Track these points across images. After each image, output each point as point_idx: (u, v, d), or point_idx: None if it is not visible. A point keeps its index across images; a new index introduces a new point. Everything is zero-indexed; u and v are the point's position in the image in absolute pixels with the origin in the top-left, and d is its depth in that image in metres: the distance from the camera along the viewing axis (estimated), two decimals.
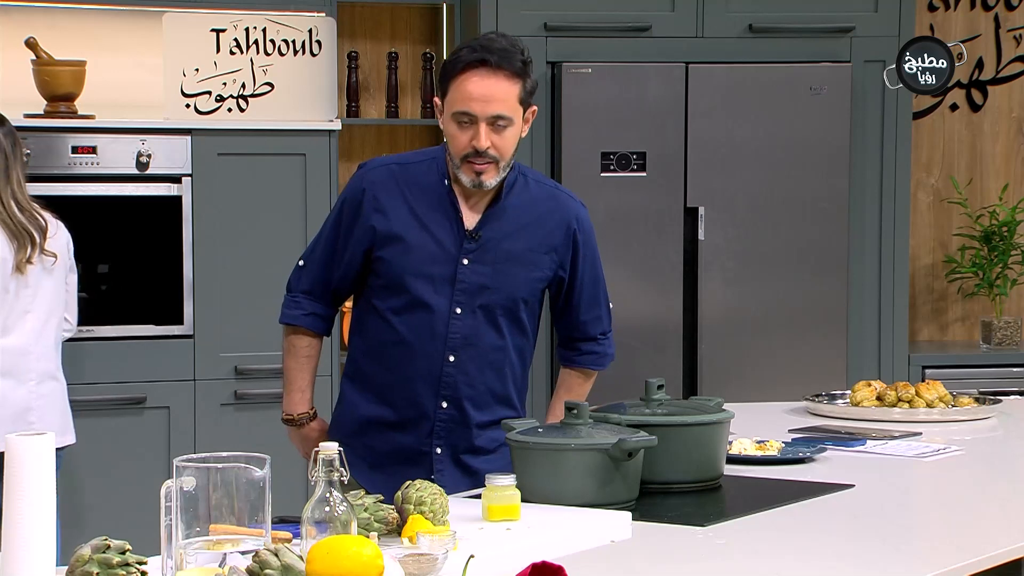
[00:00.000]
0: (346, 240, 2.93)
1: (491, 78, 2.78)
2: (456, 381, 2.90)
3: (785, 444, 3.16)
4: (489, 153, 2.80)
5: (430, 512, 2.34)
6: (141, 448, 4.63)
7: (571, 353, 3.15)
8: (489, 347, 2.92)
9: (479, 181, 2.83)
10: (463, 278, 2.88)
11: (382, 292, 2.91)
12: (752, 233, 4.97)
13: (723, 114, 4.93)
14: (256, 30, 4.79)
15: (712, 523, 2.52)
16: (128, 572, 1.89)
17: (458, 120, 2.80)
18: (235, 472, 2.02)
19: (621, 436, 2.61)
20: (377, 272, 2.91)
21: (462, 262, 2.88)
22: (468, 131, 2.80)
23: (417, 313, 2.88)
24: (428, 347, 2.88)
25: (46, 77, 4.64)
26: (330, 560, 1.87)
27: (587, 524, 2.45)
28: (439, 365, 2.89)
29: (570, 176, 4.90)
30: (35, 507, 1.87)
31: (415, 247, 2.87)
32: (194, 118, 4.76)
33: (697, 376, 4.96)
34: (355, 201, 2.92)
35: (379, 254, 2.89)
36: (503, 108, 2.78)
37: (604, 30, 4.96)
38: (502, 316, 2.92)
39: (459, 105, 2.79)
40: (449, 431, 2.93)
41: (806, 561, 2.32)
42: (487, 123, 2.78)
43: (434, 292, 2.87)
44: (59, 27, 4.76)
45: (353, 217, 2.92)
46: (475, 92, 2.78)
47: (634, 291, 4.93)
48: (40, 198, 4.09)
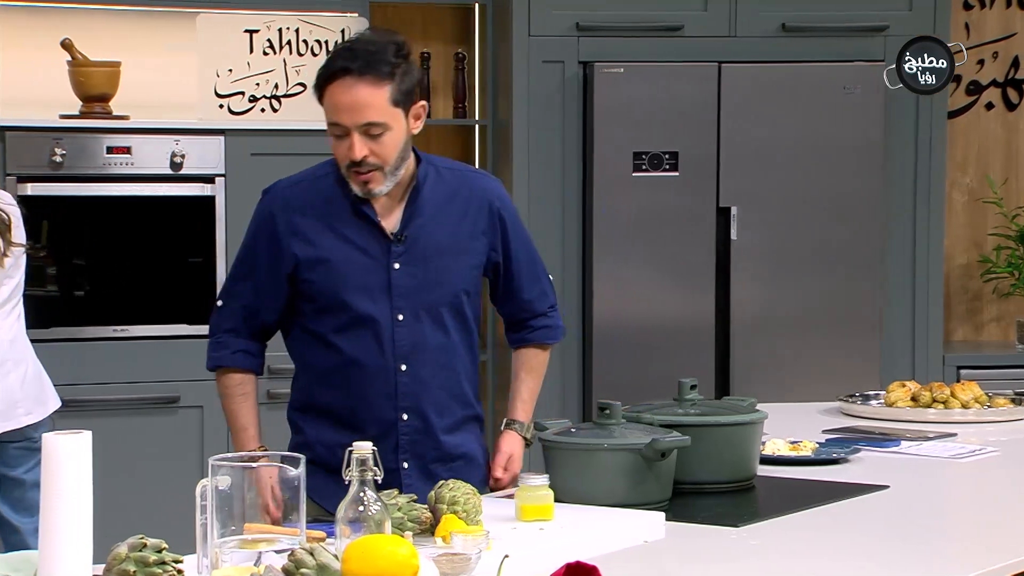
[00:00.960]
0: (268, 270, 2.80)
1: (356, 86, 2.65)
2: (412, 390, 2.78)
3: (819, 445, 3.14)
4: (368, 162, 2.68)
5: (463, 512, 2.34)
6: (175, 447, 4.65)
7: (523, 332, 3.00)
8: (438, 348, 2.80)
9: (367, 190, 2.72)
10: (398, 283, 2.76)
11: (318, 315, 2.79)
12: (785, 233, 4.95)
13: (756, 114, 4.92)
14: (289, 30, 4.81)
15: (746, 524, 2.51)
16: (164, 570, 1.90)
17: (332, 131, 2.70)
18: (270, 471, 2.03)
19: (654, 436, 2.61)
20: (309, 296, 2.78)
21: (393, 267, 2.76)
22: (344, 142, 2.68)
23: (360, 329, 2.76)
24: (378, 361, 2.76)
25: (81, 78, 4.67)
26: (366, 559, 1.87)
27: (620, 524, 2.44)
28: (392, 377, 2.77)
29: (602, 176, 4.90)
30: (73, 505, 1.88)
31: (343, 263, 2.75)
32: (227, 118, 4.78)
33: (729, 376, 4.95)
34: (268, 229, 2.79)
35: (307, 277, 2.77)
36: (373, 115, 2.66)
37: (636, 30, 4.96)
38: (447, 313, 2.81)
39: (329, 116, 2.69)
40: (414, 443, 2.79)
41: (840, 562, 2.31)
42: (360, 133, 2.66)
43: (373, 304, 2.76)
44: (94, 28, 4.79)
45: (270, 245, 2.79)
46: (341, 102, 2.66)
47: (666, 291, 4.92)
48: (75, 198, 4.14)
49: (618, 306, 4.93)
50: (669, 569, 2.30)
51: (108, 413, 4.13)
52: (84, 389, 4.59)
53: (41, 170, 4.56)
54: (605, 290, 4.91)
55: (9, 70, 4.70)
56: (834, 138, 4.96)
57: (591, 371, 4.94)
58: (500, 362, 5.15)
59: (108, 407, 4.28)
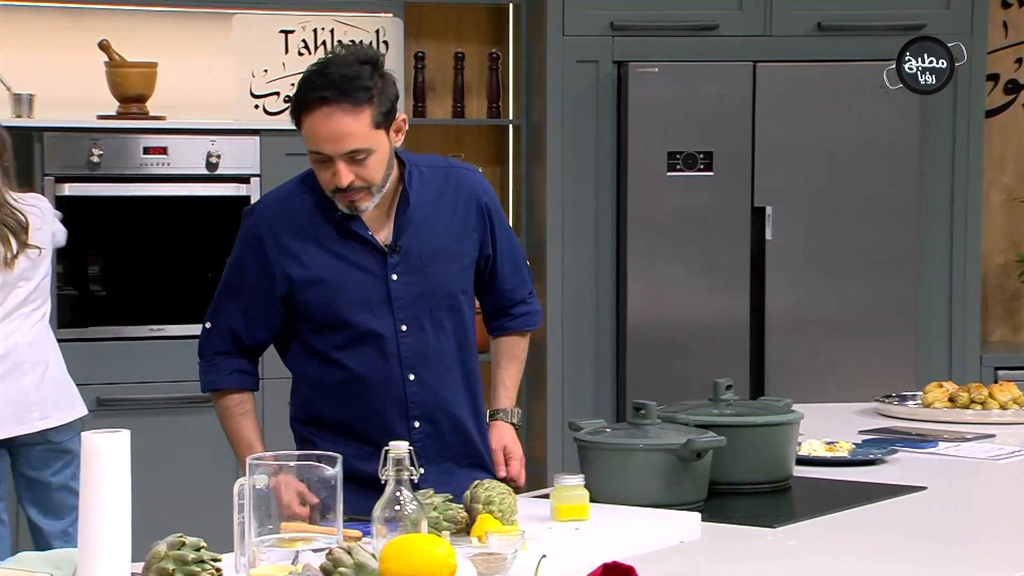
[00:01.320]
0: (260, 293, 2.72)
1: (335, 115, 2.56)
2: (422, 399, 2.73)
3: (855, 445, 3.13)
4: (355, 185, 2.61)
5: (499, 511, 2.34)
6: (210, 446, 4.66)
7: (503, 320, 2.93)
8: (443, 352, 2.76)
9: (355, 207, 2.65)
10: (398, 294, 2.70)
11: (318, 333, 2.72)
12: (820, 233, 4.93)
13: (791, 113, 4.90)
14: (324, 31, 4.83)
15: (782, 524, 2.50)
16: (203, 569, 1.91)
17: (314, 159, 2.63)
18: (307, 470, 2.04)
19: (690, 436, 2.60)
20: (306, 315, 2.72)
21: (391, 279, 2.70)
22: (327, 169, 2.61)
23: (364, 345, 2.70)
24: (386, 375, 2.70)
25: (118, 79, 4.70)
26: (404, 559, 1.87)
27: (656, 524, 2.44)
28: (402, 388, 2.71)
29: (636, 176, 4.90)
30: (111, 503, 1.89)
31: (339, 281, 2.69)
32: (262, 119, 4.80)
33: (764, 377, 4.94)
34: (256, 250, 2.71)
35: (303, 298, 2.70)
36: (355, 143, 2.58)
37: (671, 29, 4.95)
38: (447, 316, 2.76)
39: (310, 145, 2.62)
40: (426, 449, 2.73)
41: (878, 563, 2.30)
42: (343, 160, 2.59)
43: (375, 318, 2.69)
44: (131, 29, 4.82)
45: (260, 269, 2.71)
46: (322, 132, 2.58)
47: (700, 291, 4.91)
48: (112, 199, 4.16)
49: (652, 306, 4.92)
50: (705, 570, 2.29)
51: (145, 412, 4.16)
52: (121, 388, 4.62)
53: (79, 171, 4.59)
54: (639, 290, 4.91)
55: (47, 71, 4.74)
56: (870, 137, 4.93)
57: (625, 371, 4.94)
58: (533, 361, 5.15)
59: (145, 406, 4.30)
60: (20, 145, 4.53)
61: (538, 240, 5.08)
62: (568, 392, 4.98)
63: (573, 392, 4.97)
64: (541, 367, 5.02)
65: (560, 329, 4.97)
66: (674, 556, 2.34)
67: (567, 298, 4.97)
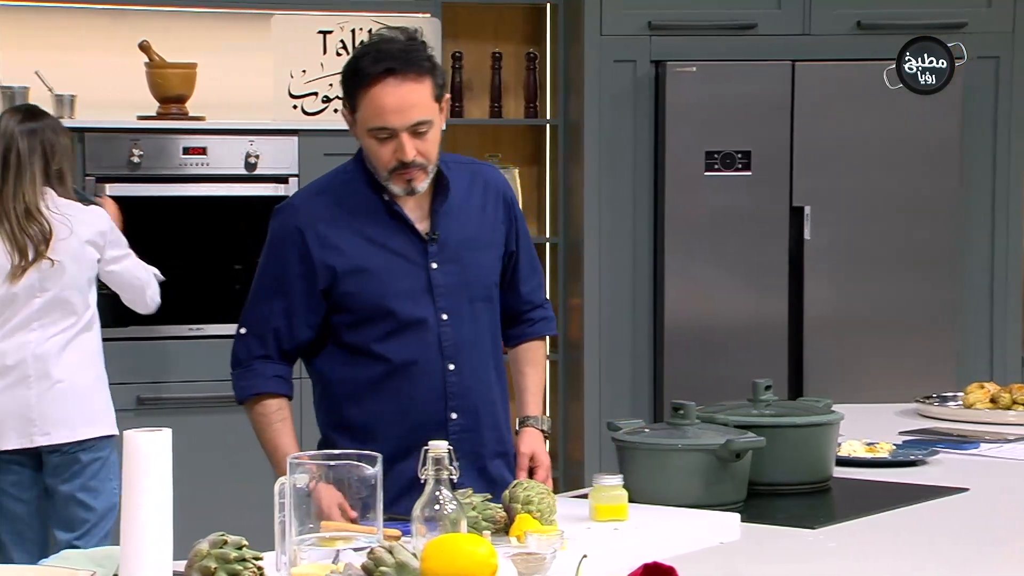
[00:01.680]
0: (303, 288, 2.69)
1: (403, 86, 2.58)
2: (461, 389, 2.72)
3: (896, 446, 3.11)
4: (416, 161, 2.62)
5: (538, 511, 2.34)
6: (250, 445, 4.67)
7: (523, 327, 2.91)
8: (479, 343, 2.76)
9: (411, 188, 2.66)
10: (438, 283, 2.71)
11: (357, 327, 2.70)
12: (860, 233, 4.91)
13: (830, 112, 4.87)
14: (362, 31, 4.84)
15: (822, 525, 2.49)
16: (245, 567, 1.92)
17: (376, 136, 2.62)
18: (347, 470, 2.04)
19: (729, 437, 2.59)
20: (347, 307, 2.69)
21: (431, 267, 2.71)
22: (389, 144, 2.61)
23: (407, 334, 2.69)
24: (428, 364, 2.70)
25: (158, 79, 4.73)
26: (445, 558, 1.88)
27: (695, 525, 2.44)
28: (442, 378, 2.70)
29: (673, 175, 4.88)
30: (153, 501, 1.90)
31: (382, 270, 2.68)
32: (301, 119, 4.82)
33: (802, 377, 4.91)
34: (297, 245, 2.69)
35: (346, 289, 2.68)
36: (421, 113, 2.60)
37: (709, 28, 4.93)
38: (482, 307, 2.77)
39: (375, 121, 2.60)
40: (463, 441, 2.70)
41: (919, 565, 2.29)
42: (409, 133, 2.60)
43: (417, 307, 2.69)
44: (171, 30, 4.85)
45: (302, 262, 2.68)
46: (389, 104, 2.58)
47: (738, 291, 4.89)
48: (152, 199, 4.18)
49: (690, 306, 4.90)
50: (745, 570, 2.28)
51: (185, 411, 4.18)
52: (160, 387, 4.65)
53: (119, 171, 4.62)
54: (677, 290, 4.89)
55: (88, 72, 4.77)
56: (910, 137, 4.90)
57: (662, 371, 4.93)
58: (570, 361, 5.15)
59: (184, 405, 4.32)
60: None
61: (575, 240, 5.08)
62: (605, 392, 4.97)
63: (610, 392, 4.97)
64: (578, 367, 5.02)
65: (597, 329, 4.96)
66: (714, 557, 2.33)
67: (604, 298, 4.97)
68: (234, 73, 4.90)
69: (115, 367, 4.07)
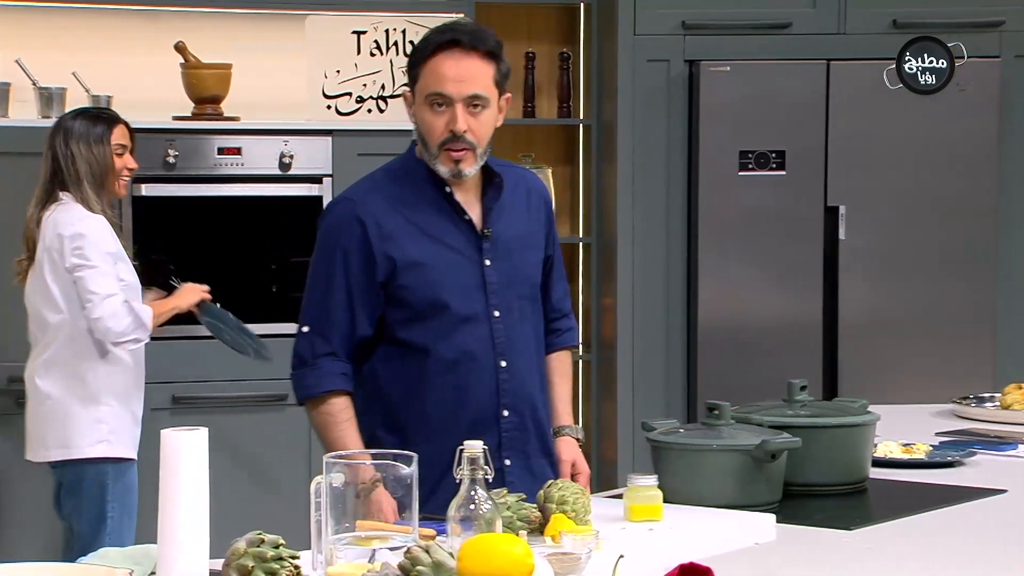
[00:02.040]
0: (363, 280, 2.69)
1: (465, 58, 2.66)
2: (513, 386, 2.74)
3: (932, 447, 3.09)
4: (467, 138, 2.65)
5: (572, 511, 2.34)
6: (286, 443, 4.71)
7: (552, 336, 2.92)
8: (528, 341, 2.78)
9: (457, 170, 2.67)
10: (492, 279, 2.73)
11: (411, 324, 2.70)
12: (895, 233, 4.88)
13: (865, 112, 4.85)
14: (396, 31, 4.85)
15: (858, 527, 2.48)
16: (282, 566, 1.93)
17: (432, 103, 2.65)
18: (383, 469, 2.05)
19: (764, 437, 2.58)
20: (403, 301, 2.69)
21: (485, 264, 2.73)
22: (443, 115, 2.65)
23: (461, 329, 2.70)
24: (481, 360, 2.71)
25: (193, 80, 4.75)
26: (481, 558, 1.88)
27: (730, 525, 2.43)
28: (494, 374, 2.72)
29: (707, 175, 4.87)
30: (190, 500, 1.91)
31: (438, 265, 2.70)
32: (335, 119, 4.83)
33: (837, 378, 4.89)
34: (356, 237, 2.69)
35: (403, 283, 2.69)
36: (479, 87, 2.65)
37: (743, 28, 4.91)
38: (529, 306, 2.80)
39: (433, 86, 2.65)
40: (514, 439, 2.74)
41: (956, 567, 2.27)
42: (463, 104, 2.64)
43: (471, 303, 2.71)
44: (206, 31, 4.87)
45: (361, 253, 2.69)
46: (449, 73, 2.64)
47: (772, 291, 4.87)
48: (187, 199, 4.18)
49: (723, 306, 4.89)
50: (781, 571, 2.28)
51: (220, 410, 4.19)
52: (195, 387, 4.67)
53: (155, 171, 4.64)
54: (710, 290, 4.88)
55: (125, 73, 4.80)
56: (946, 136, 4.87)
57: (696, 372, 4.91)
58: (603, 361, 5.14)
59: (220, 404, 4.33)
60: None
61: (609, 240, 5.07)
62: (639, 392, 4.96)
63: (644, 392, 4.96)
64: (612, 367, 5.01)
65: (631, 329, 4.96)
66: (749, 558, 2.32)
67: (638, 298, 4.96)
68: (268, 73, 4.91)
69: (151, 367, 4.09)
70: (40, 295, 3.86)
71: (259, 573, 1.92)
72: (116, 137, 3.94)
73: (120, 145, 3.95)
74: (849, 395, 4.00)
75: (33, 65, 4.64)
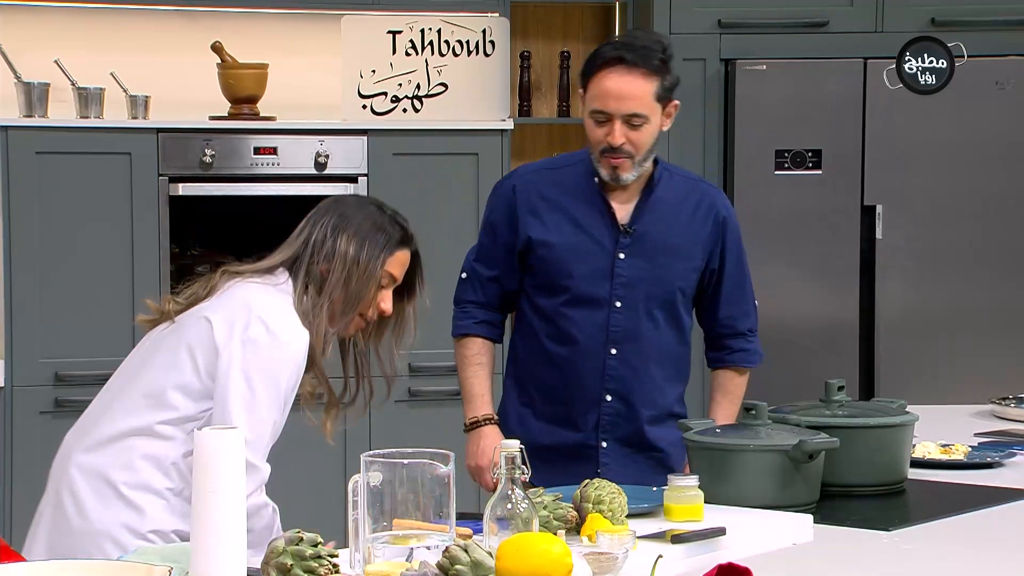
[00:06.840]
0: (506, 242, 3.00)
1: (627, 76, 2.85)
2: (619, 374, 2.95)
3: (971, 448, 3.07)
4: (624, 149, 2.87)
5: (609, 511, 2.34)
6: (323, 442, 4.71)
7: (721, 353, 3.13)
8: (649, 340, 2.96)
9: (615, 175, 2.90)
10: (621, 272, 2.94)
11: (541, 291, 2.98)
12: (933, 232, 4.85)
13: (903, 110, 4.81)
14: (431, 31, 4.86)
15: (897, 528, 2.47)
16: (320, 564, 1.93)
17: (594, 117, 2.88)
18: (420, 468, 2.05)
19: (802, 438, 2.57)
20: (535, 271, 2.98)
21: (618, 256, 2.94)
22: (603, 127, 2.88)
23: (579, 309, 2.94)
24: (591, 341, 2.94)
25: (230, 80, 4.77)
26: (520, 557, 1.88)
27: (768, 526, 2.42)
28: (602, 358, 2.94)
29: (743, 174, 4.85)
30: (225, 498, 1.91)
31: (568, 247, 2.94)
32: (370, 119, 4.84)
33: (874, 378, 4.86)
34: (508, 204, 3.00)
35: (531, 259, 2.97)
36: (637, 106, 2.85)
37: (779, 26, 4.89)
38: (662, 310, 2.97)
39: (595, 103, 2.88)
40: (614, 425, 2.96)
41: (995, 568, 2.26)
42: (622, 120, 2.85)
43: (594, 287, 2.94)
44: (243, 31, 4.89)
45: (508, 220, 3.00)
46: (611, 90, 2.85)
47: (809, 291, 4.85)
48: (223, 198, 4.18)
49: (760, 306, 4.84)
50: (818, 572, 2.27)
51: None
52: None
53: (192, 171, 4.67)
54: None
55: (162, 73, 4.82)
56: (985, 134, 4.83)
57: None
58: None
59: None
60: (136, 146, 4.62)
61: None
62: None
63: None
64: None
65: None
66: (787, 558, 2.31)
67: None
68: (304, 73, 4.93)
69: None
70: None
71: (298, 571, 1.93)
72: (393, 264, 2.72)
73: (390, 276, 2.72)
74: (887, 395, 3.98)
75: (71, 66, 4.67)
